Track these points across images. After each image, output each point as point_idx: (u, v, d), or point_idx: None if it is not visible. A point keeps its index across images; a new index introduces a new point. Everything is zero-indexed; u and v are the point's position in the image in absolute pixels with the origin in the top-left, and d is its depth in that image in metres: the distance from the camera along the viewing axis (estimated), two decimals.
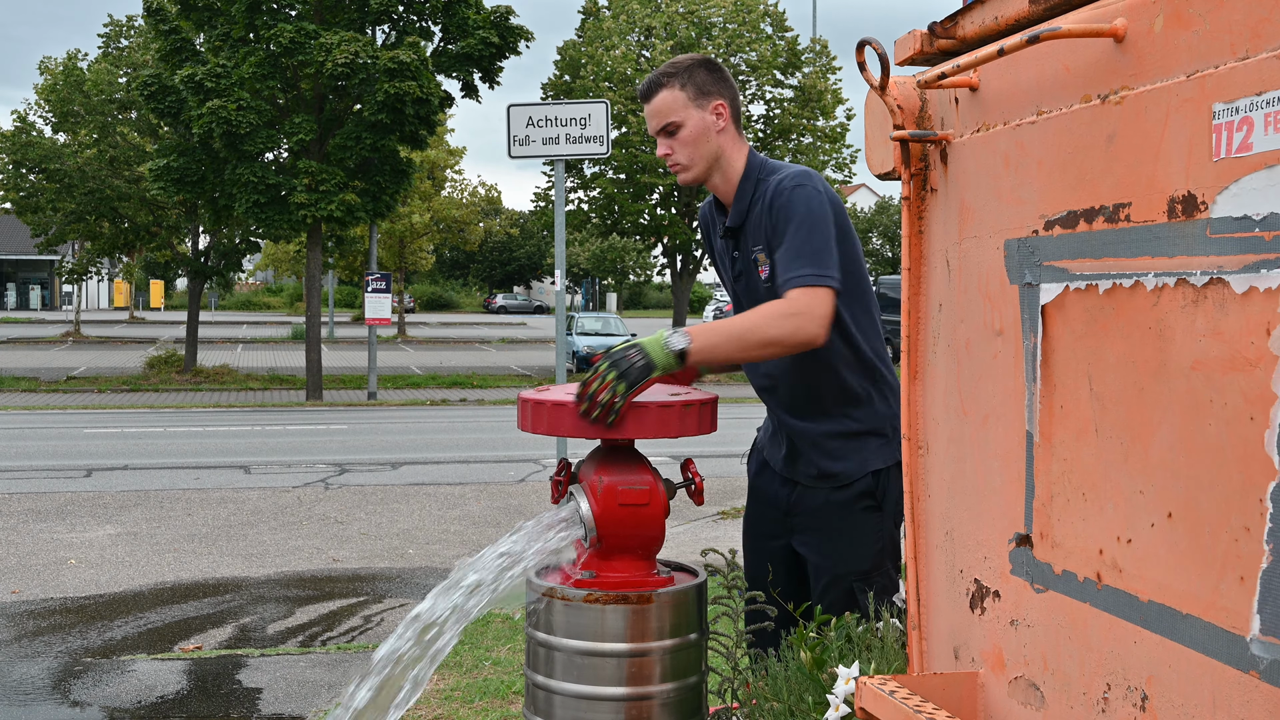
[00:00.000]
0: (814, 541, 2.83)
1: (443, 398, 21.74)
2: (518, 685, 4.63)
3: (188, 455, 13.11)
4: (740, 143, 2.80)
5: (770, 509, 2.93)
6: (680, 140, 2.74)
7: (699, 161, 2.75)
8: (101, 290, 64.44)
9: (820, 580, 2.81)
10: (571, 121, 8.31)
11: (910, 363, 1.87)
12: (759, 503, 2.98)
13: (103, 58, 26.90)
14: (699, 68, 2.75)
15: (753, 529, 2.99)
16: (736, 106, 2.80)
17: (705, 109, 2.73)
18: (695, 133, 2.72)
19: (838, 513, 2.79)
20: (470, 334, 43.26)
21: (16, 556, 7.80)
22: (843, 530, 2.78)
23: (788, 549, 2.90)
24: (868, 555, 2.78)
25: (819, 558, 2.82)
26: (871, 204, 57.64)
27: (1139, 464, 1.36)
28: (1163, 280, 1.31)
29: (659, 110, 2.74)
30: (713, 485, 9.73)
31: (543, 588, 2.29)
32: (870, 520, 2.78)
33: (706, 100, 2.73)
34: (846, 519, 2.78)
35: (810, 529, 2.83)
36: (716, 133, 2.74)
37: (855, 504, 2.78)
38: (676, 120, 2.73)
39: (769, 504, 2.94)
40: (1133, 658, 1.38)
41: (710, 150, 2.75)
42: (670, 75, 2.74)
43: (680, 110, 2.72)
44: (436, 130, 22.79)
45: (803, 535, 2.86)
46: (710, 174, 2.78)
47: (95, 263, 31.20)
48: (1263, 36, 1.18)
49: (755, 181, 2.74)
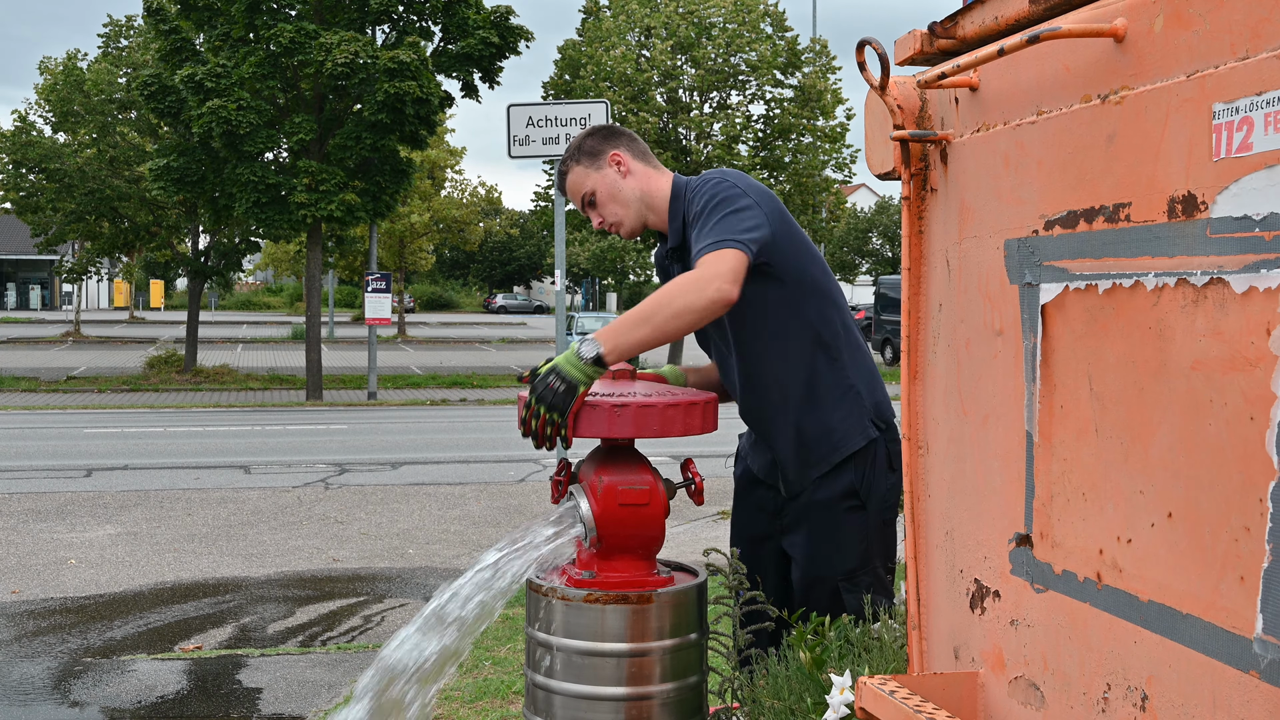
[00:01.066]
0: (799, 542, 2.85)
1: (443, 398, 21.74)
2: (518, 685, 4.62)
3: (188, 455, 13.11)
4: (658, 174, 2.89)
5: (759, 512, 2.95)
6: (600, 204, 2.86)
7: (624, 212, 2.86)
8: (101, 290, 64.44)
9: (805, 580, 2.83)
10: (571, 121, 8.32)
11: (910, 363, 1.87)
12: (748, 507, 3.00)
13: (103, 57, 26.90)
14: (585, 139, 2.90)
15: (743, 532, 3.00)
16: (637, 149, 2.89)
17: (604, 167, 2.85)
18: (607, 191, 2.85)
19: (822, 513, 2.80)
20: (470, 334, 43.27)
21: (16, 556, 7.80)
22: (827, 531, 2.80)
23: (778, 550, 2.91)
24: (852, 555, 2.79)
25: (805, 558, 2.84)
26: (871, 204, 57.60)
27: (1139, 464, 1.36)
28: (1163, 280, 1.31)
29: (573, 190, 2.89)
30: (713, 485, 9.71)
31: (543, 587, 2.29)
32: (854, 520, 2.79)
33: (600, 159, 2.85)
34: (830, 519, 2.79)
35: (796, 529, 2.85)
36: (624, 179, 2.85)
37: (839, 504, 2.79)
38: (588, 190, 2.86)
39: (757, 507, 2.96)
40: (1133, 658, 1.38)
41: (628, 197, 2.85)
42: (566, 159, 2.91)
43: (585, 180, 2.86)
44: (436, 130, 22.78)
45: (791, 536, 2.87)
46: (645, 216, 2.88)
47: (95, 263, 31.20)
48: (1263, 36, 1.18)
49: (682, 198, 2.83)
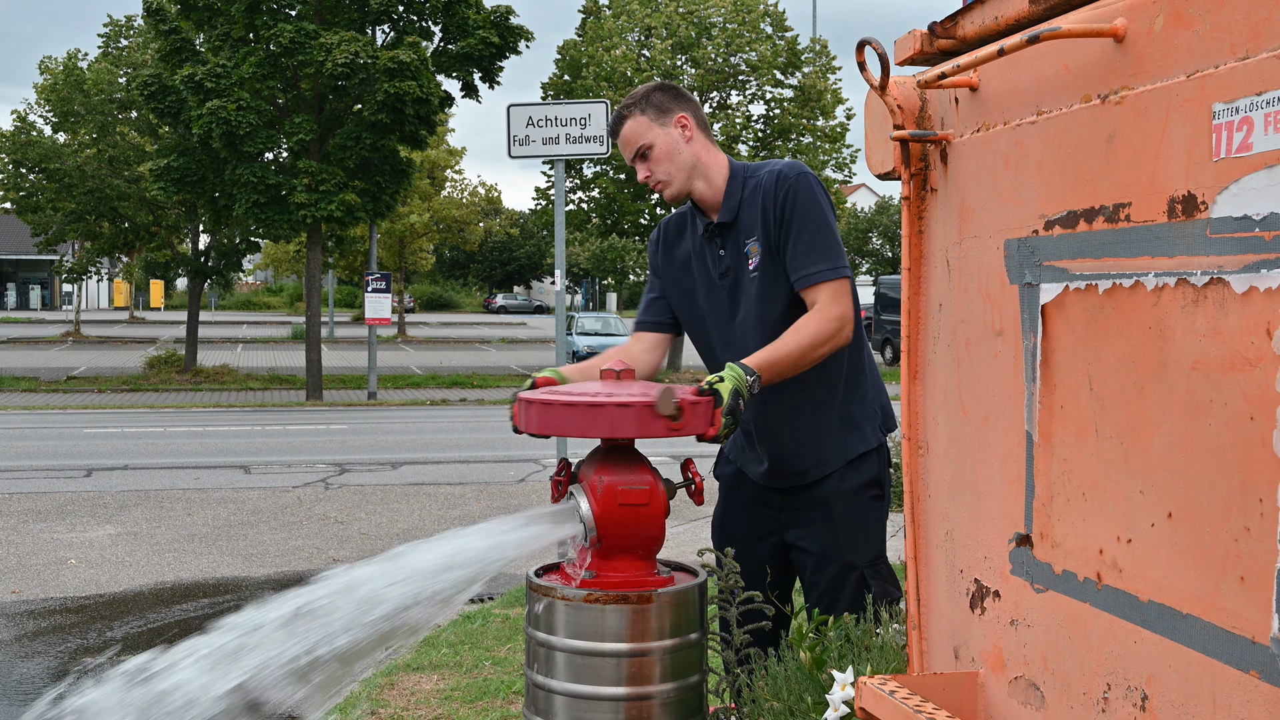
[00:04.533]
0: (817, 534, 2.85)
1: (443, 398, 21.74)
2: (518, 685, 4.62)
3: (188, 455, 13.11)
4: (715, 149, 2.92)
5: (759, 506, 2.95)
6: (654, 159, 2.85)
7: (677, 174, 2.85)
8: (101, 290, 64.43)
9: (826, 570, 2.83)
10: (571, 121, 8.31)
11: (910, 363, 1.87)
12: (742, 502, 3.00)
13: (103, 57, 26.90)
14: (654, 91, 2.89)
15: (735, 529, 2.99)
16: (701, 118, 2.91)
17: (669, 125, 2.85)
18: (665, 149, 2.84)
19: (846, 501, 2.84)
20: (470, 334, 43.26)
21: (16, 556, 7.80)
22: (853, 518, 2.85)
23: (777, 545, 2.92)
24: (878, 543, 2.88)
25: (823, 548, 2.84)
26: (871, 204, 57.60)
27: (1139, 464, 1.36)
28: (1163, 280, 1.31)
29: (628, 139, 2.87)
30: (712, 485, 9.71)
31: (543, 587, 2.29)
32: (877, 509, 2.89)
33: (668, 117, 2.85)
34: (856, 507, 2.85)
35: (813, 521, 2.85)
36: (686, 143, 2.85)
37: (864, 491, 2.86)
38: (646, 142, 2.85)
39: (757, 502, 2.96)
40: (1133, 658, 1.38)
41: (685, 161, 2.85)
42: (630, 105, 2.88)
43: (646, 133, 2.84)
44: (437, 130, 22.79)
45: (803, 528, 2.87)
46: (691, 183, 2.87)
47: (95, 262, 31.21)
48: (1263, 36, 1.18)
49: (743, 179, 2.85)
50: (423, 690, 4.68)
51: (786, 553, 2.93)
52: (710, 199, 2.88)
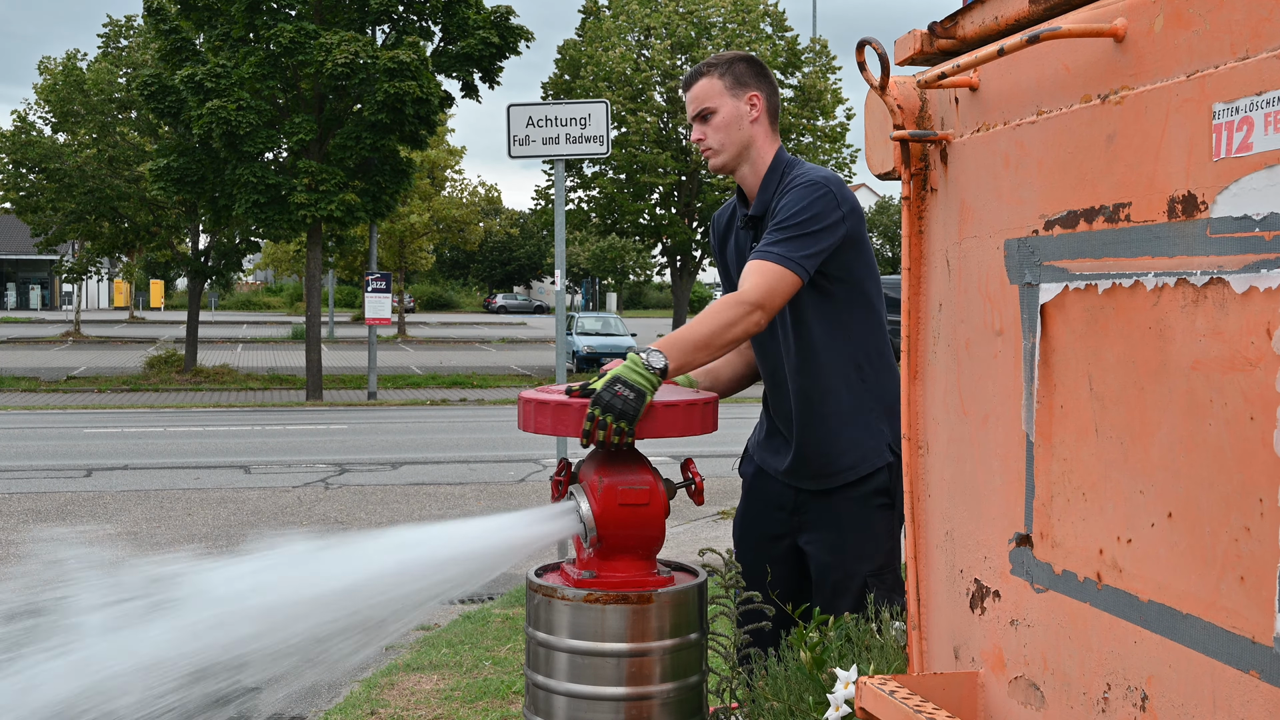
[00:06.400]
0: (825, 539, 2.83)
1: (443, 398, 21.73)
2: (518, 685, 4.62)
3: (188, 455, 13.11)
4: (773, 138, 2.87)
5: (775, 509, 2.93)
6: (714, 125, 2.82)
7: (729, 147, 2.82)
8: (101, 290, 64.41)
9: (831, 577, 2.82)
10: (571, 121, 8.31)
11: (910, 363, 1.87)
12: (760, 503, 2.98)
13: (102, 57, 26.90)
14: (739, 61, 2.86)
15: (753, 529, 2.98)
16: (774, 104, 2.87)
17: (740, 98, 2.82)
18: (728, 119, 2.81)
19: (853, 510, 2.81)
20: (470, 334, 43.25)
21: (16, 557, 7.80)
22: (857, 528, 2.82)
23: (792, 548, 2.90)
24: (882, 552, 2.83)
25: (830, 555, 2.83)
26: (871, 204, 57.61)
27: (1139, 464, 1.36)
28: (1163, 280, 1.31)
29: (697, 96, 2.83)
30: (713, 485, 9.72)
31: (543, 587, 2.29)
32: (884, 517, 2.83)
33: (742, 90, 2.82)
34: (864, 515, 2.82)
35: (821, 527, 2.84)
36: (750, 122, 2.82)
37: (872, 500, 2.82)
38: (711, 106, 2.82)
39: (774, 504, 2.94)
40: (1133, 658, 1.38)
41: (741, 138, 2.82)
42: (712, 65, 2.85)
43: (716, 97, 2.81)
44: (436, 130, 22.80)
45: (813, 533, 2.86)
46: (739, 162, 2.85)
47: (95, 262, 31.20)
48: (1263, 36, 1.18)
49: (780, 174, 2.82)
50: (423, 690, 4.68)
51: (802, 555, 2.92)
52: (750, 185, 2.86)
